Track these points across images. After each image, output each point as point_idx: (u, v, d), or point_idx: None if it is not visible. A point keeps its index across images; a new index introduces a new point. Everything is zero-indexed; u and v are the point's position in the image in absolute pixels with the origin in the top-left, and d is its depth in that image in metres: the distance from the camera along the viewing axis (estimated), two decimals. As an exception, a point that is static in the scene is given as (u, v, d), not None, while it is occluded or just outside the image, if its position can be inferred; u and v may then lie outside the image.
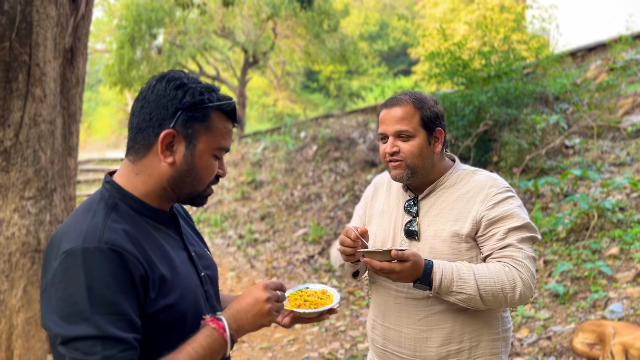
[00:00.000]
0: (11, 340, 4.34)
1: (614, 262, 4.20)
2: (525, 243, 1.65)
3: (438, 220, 1.73)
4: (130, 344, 1.06)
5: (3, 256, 4.31)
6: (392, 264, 1.52)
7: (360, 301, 5.30)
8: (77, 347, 1.03)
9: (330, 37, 14.67)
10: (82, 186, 12.99)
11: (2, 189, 4.28)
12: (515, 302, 1.61)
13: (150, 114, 1.20)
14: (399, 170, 1.73)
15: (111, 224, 1.13)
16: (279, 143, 11.54)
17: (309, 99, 27.36)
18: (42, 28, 4.26)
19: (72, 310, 1.04)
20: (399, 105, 1.74)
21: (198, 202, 1.31)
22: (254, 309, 1.23)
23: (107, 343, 1.03)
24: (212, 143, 1.24)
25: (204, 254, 1.42)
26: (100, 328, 1.03)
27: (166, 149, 1.21)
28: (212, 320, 1.18)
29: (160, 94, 1.20)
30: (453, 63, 6.77)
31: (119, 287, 1.07)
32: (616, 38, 7.61)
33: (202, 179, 1.26)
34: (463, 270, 1.59)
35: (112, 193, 1.23)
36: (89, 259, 1.06)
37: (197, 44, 13.92)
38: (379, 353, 1.87)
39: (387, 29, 29.51)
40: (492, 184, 1.71)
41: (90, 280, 1.05)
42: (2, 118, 4.21)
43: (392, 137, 1.73)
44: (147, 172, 1.23)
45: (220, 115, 1.25)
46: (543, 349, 3.64)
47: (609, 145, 5.91)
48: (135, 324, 1.09)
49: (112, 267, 1.07)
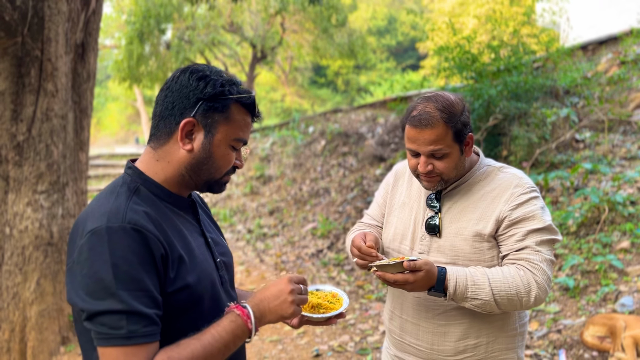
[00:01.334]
0: (25, 332, 4.40)
1: (624, 256, 4.19)
2: (544, 245, 1.62)
3: (461, 218, 1.70)
4: (152, 319, 1.10)
5: (16, 249, 4.36)
6: (405, 276, 1.51)
7: (370, 295, 5.31)
8: (104, 322, 1.06)
9: (338, 32, 14.65)
10: (92, 181, 13.08)
11: (15, 183, 4.33)
12: (531, 305, 1.59)
13: (172, 103, 1.26)
14: (433, 183, 1.70)
15: (133, 205, 1.18)
16: (287, 138, 11.56)
17: (317, 94, 27.35)
18: (53, 23, 4.29)
19: (98, 286, 1.07)
20: (431, 127, 1.61)
21: (216, 189, 1.35)
22: (278, 300, 1.26)
23: (132, 318, 1.07)
24: (230, 134, 1.28)
25: (220, 241, 1.46)
26: (126, 303, 1.06)
27: (186, 136, 1.25)
28: (237, 307, 1.21)
29: (184, 84, 1.25)
30: (462, 57, 6.74)
31: (142, 264, 1.11)
32: (627, 31, 7.55)
33: (219, 167, 1.30)
34: (477, 275, 1.58)
35: (133, 178, 1.27)
36: (113, 237, 1.10)
37: (206, 39, 13.95)
38: (396, 343, 1.88)
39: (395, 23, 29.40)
40: (517, 184, 1.67)
41: (114, 257, 1.09)
42: (15, 113, 4.26)
43: (425, 157, 1.66)
44: (167, 159, 1.28)
45: (240, 108, 1.29)
46: (553, 342, 3.64)
47: (620, 139, 5.88)
48: (157, 300, 1.13)
49: (135, 245, 1.11)
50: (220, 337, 1.16)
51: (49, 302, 4.48)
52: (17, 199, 4.34)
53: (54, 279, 4.53)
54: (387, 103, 10.51)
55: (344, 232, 7.07)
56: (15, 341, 4.36)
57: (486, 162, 1.79)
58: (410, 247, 1.79)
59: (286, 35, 15.74)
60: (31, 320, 4.40)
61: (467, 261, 1.68)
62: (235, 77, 1.32)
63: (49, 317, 4.49)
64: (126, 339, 1.06)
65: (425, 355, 1.77)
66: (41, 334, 4.43)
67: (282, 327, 4.88)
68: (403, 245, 1.82)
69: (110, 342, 1.06)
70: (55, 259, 4.53)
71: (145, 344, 1.08)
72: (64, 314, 4.65)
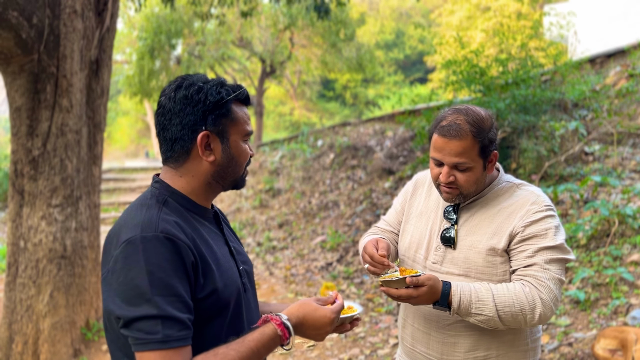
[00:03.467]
0: (37, 345, 4.44)
1: (635, 269, 4.17)
2: (554, 264, 1.61)
3: (476, 232, 1.71)
4: (186, 323, 1.15)
5: (30, 262, 4.43)
6: (408, 291, 1.54)
7: (380, 308, 5.31)
8: (140, 328, 1.11)
9: (346, 46, 14.78)
10: (103, 195, 13.19)
11: (30, 197, 4.41)
12: (535, 322, 1.58)
13: (181, 123, 1.30)
14: (451, 195, 1.72)
15: (164, 215, 1.24)
16: (296, 151, 11.62)
17: (325, 108, 27.48)
18: (69, 41, 4.39)
19: (134, 293, 1.12)
20: (459, 139, 1.63)
21: (240, 185, 1.43)
22: (317, 330, 1.34)
23: (167, 323, 1.12)
24: (240, 131, 1.36)
25: (241, 250, 1.52)
26: (161, 308, 1.11)
27: (205, 149, 1.31)
28: (280, 326, 1.27)
29: (184, 102, 1.29)
30: (470, 71, 6.77)
31: (175, 271, 1.16)
32: (635, 44, 7.57)
33: (241, 164, 1.39)
34: (482, 291, 1.59)
35: (161, 191, 1.33)
36: (148, 246, 1.16)
37: (216, 54, 14.13)
38: (407, 352, 1.89)
39: (403, 37, 29.56)
40: (534, 201, 1.68)
41: (149, 265, 1.14)
42: (30, 128, 4.35)
43: (448, 167, 1.67)
44: (191, 174, 1.34)
45: (238, 104, 1.37)
46: (564, 355, 3.63)
47: (629, 152, 5.87)
48: (189, 305, 1.18)
49: (168, 253, 1.16)
50: (258, 352, 1.21)
51: (61, 314, 4.53)
52: (31, 212, 4.42)
53: (67, 292, 4.58)
54: (395, 116, 10.56)
55: (353, 245, 7.08)
56: (28, 354, 4.41)
57: (506, 178, 1.80)
58: (425, 257, 1.81)
59: (295, 50, 15.89)
60: (44, 333, 4.44)
61: (479, 274, 1.69)
62: (220, 78, 1.38)
63: (61, 329, 4.53)
64: (162, 342, 1.10)
65: None
66: (54, 346, 4.47)
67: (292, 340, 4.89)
68: (418, 254, 1.84)
69: (147, 346, 1.11)
70: (68, 272, 4.59)
71: (180, 348, 1.12)
72: (77, 327, 4.70)
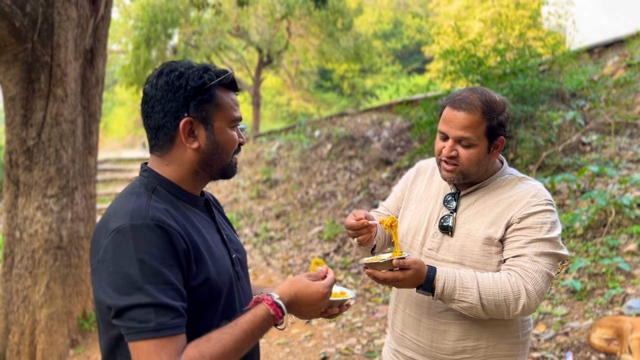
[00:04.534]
0: (34, 335, 4.44)
1: (632, 259, 4.18)
2: (544, 257, 1.60)
3: (475, 220, 1.71)
4: (179, 311, 1.12)
5: (26, 253, 4.41)
6: (394, 274, 1.53)
7: (377, 298, 5.32)
8: (132, 317, 1.08)
9: (344, 36, 14.70)
10: (100, 185, 13.16)
11: (25, 187, 4.38)
12: (517, 314, 1.57)
13: (163, 111, 1.27)
14: (451, 173, 1.71)
15: (154, 203, 1.21)
16: (293, 142, 11.59)
17: (323, 98, 27.40)
18: (63, 29, 4.35)
19: (125, 282, 1.09)
20: (468, 111, 1.64)
21: (230, 174, 1.39)
22: (310, 307, 1.30)
23: (160, 311, 1.08)
24: (226, 117, 1.32)
25: (234, 238, 1.50)
26: (153, 296, 1.08)
27: (189, 136, 1.28)
28: (272, 306, 1.22)
29: (165, 88, 1.27)
30: (468, 60, 6.74)
31: (166, 259, 1.13)
32: (634, 34, 7.53)
33: (227, 152, 1.34)
34: (467, 278, 1.58)
35: (150, 179, 1.31)
36: (137, 234, 1.12)
37: (212, 44, 14.05)
38: (396, 338, 1.89)
39: (400, 27, 29.44)
40: (535, 194, 1.67)
41: (140, 252, 1.11)
42: (25, 118, 4.31)
43: (453, 141, 1.68)
44: (177, 162, 1.31)
45: (223, 90, 1.32)
46: (560, 344, 3.64)
47: (626, 142, 5.87)
48: (182, 293, 1.15)
49: (159, 241, 1.14)
50: (252, 333, 1.17)
51: (58, 305, 4.53)
52: (27, 203, 4.39)
53: (64, 282, 4.57)
54: (393, 107, 10.52)
55: (350, 236, 7.08)
56: (25, 344, 4.40)
57: (509, 170, 1.80)
58: (422, 243, 1.81)
59: (292, 40, 15.80)
60: (41, 323, 4.44)
61: (474, 263, 1.69)
62: (207, 64, 1.34)
63: (58, 320, 4.53)
64: (155, 331, 1.07)
65: (424, 351, 1.78)
66: (50, 336, 4.47)
67: (289, 330, 4.89)
68: (415, 241, 1.84)
69: (140, 335, 1.07)
70: (64, 262, 4.57)
71: (174, 336, 1.09)
72: (73, 317, 4.69)
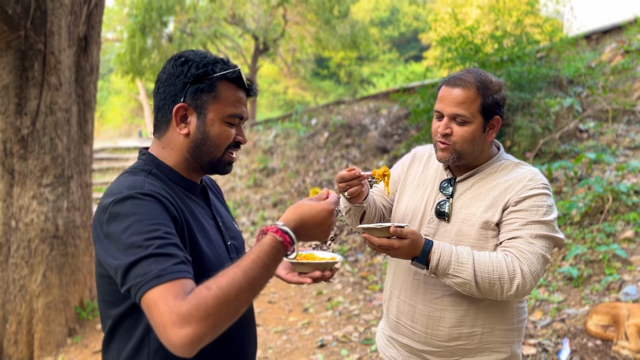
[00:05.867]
0: (32, 324, 4.44)
1: (628, 245, 4.19)
2: (540, 240, 1.59)
3: (471, 205, 1.70)
4: (181, 258, 1.09)
5: (22, 242, 4.39)
6: (390, 241, 1.51)
7: (374, 285, 5.33)
8: (136, 273, 1.06)
9: (340, 23, 14.60)
10: (96, 175, 13.12)
11: (20, 176, 4.36)
12: (512, 294, 1.55)
13: (164, 93, 1.31)
14: (446, 153, 1.71)
15: (150, 181, 1.24)
16: (290, 130, 11.56)
17: (320, 86, 27.30)
18: (56, 16, 4.30)
19: (127, 243, 1.09)
20: (462, 87, 1.66)
21: (221, 169, 1.37)
22: (318, 228, 1.24)
23: (160, 259, 1.07)
24: (222, 111, 1.31)
25: (230, 225, 1.49)
26: (152, 249, 1.07)
27: (181, 121, 1.31)
28: (278, 232, 1.16)
29: (170, 72, 1.31)
30: (465, 48, 6.71)
31: (164, 221, 1.15)
32: (632, 20, 7.50)
33: (217, 145, 1.33)
34: (463, 254, 1.57)
35: (147, 162, 1.34)
36: (135, 202, 1.15)
37: (208, 32, 13.92)
38: (391, 324, 1.89)
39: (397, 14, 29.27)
40: (531, 178, 1.67)
41: (138, 215, 1.12)
42: (19, 106, 4.27)
43: (448, 118, 1.68)
44: (171, 146, 1.34)
45: (228, 84, 1.31)
46: (557, 331, 3.65)
47: (624, 129, 5.86)
48: (181, 247, 1.13)
49: (156, 206, 1.16)
50: (261, 262, 1.11)
51: (55, 294, 4.52)
52: (22, 192, 4.37)
53: (60, 272, 4.56)
54: (390, 94, 10.48)
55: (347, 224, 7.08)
56: (22, 333, 4.40)
57: (505, 156, 1.80)
58: (418, 229, 1.80)
59: (288, 27, 15.69)
60: (38, 313, 4.44)
61: (470, 247, 1.68)
62: (221, 57, 1.34)
63: (55, 309, 4.53)
64: (157, 277, 1.04)
65: (419, 338, 1.77)
66: (48, 325, 4.46)
67: (286, 317, 4.91)
68: (411, 226, 1.82)
69: (145, 287, 1.04)
70: (61, 251, 4.56)
71: (179, 279, 1.05)
72: (71, 306, 4.69)
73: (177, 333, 0.97)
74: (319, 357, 4.02)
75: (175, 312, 0.98)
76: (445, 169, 1.81)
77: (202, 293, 1.01)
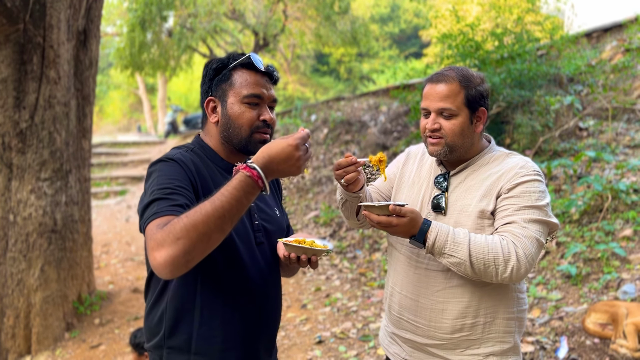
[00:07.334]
0: (29, 319, 4.43)
1: (627, 244, 4.19)
2: (533, 224, 1.62)
3: (466, 196, 1.74)
4: (177, 202, 1.30)
5: (20, 236, 4.38)
6: (389, 218, 1.55)
7: (372, 282, 5.33)
8: (144, 214, 1.30)
9: (341, 19, 14.56)
10: (95, 169, 13.10)
11: (18, 170, 4.34)
12: (506, 277, 1.58)
13: (201, 92, 1.59)
14: (437, 147, 1.74)
15: (184, 153, 1.48)
16: (289, 126, 11.54)
17: (320, 82, 27.25)
18: (55, 10, 4.27)
19: (147, 193, 1.35)
20: (445, 82, 1.72)
21: (250, 149, 1.52)
22: (287, 163, 1.30)
23: (160, 203, 1.29)
24: (238, 94, 1.50)
25: (268, 210, 1.66)
26: (159, 193, 1.31)
27: (212, 112, 1.55)
28: (245, 168, 1.27)
29: (203, 74, 1.58)
30: (465, 45, 6.69)
31: (178, 178, 1.38)
32: (632, 18, 7.48)
33: (241, 125, 1.51)
34: (459, 235, 1.60)
35: (193, 143, 1.59)
36: (162, 164, 1.43)
37: (208, 27, 13.87)
38: (394, 321, 1.90)
39: (398, 11, 29.21)
40: (522, 165, 1.71)
41: (161, 171, 1.39)
42: (17, 100, 4.25)
43: (435, 114, 1.73)
44: (210, 134, 1.59)
45: (242, 70, 1.51)
46: (555, 329, 3.65)
47: (623, 127, 5.85)
48: (188, 197, 1.35)
49: (177, 168, 1.41)
50: (228, 193, 1.23)
51: (53, 288, 4.51)
52: (20, 186, 4.36)
53: (58, 266, 4.55)
54: (389, 91, 10.46)
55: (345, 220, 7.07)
56: (20, 327, 4.40)
57: (496, 148, 1.84)
58: None
59: (288, 23, 15.64)
60: (35, 307, 4.43)
61: None
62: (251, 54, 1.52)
63: (53, 303, 4.52)
64: (153, 215, 1.26)
65: (423, 332, 1.79)
66: (46, 320, 4.46)
67: (284, 314, 4.91)
68: None
69: (145, 223, 1.26)
70: (59, 245, 4.55)
71: (167, 216, 1.25)
72: (68, 301, 4.69)
73: (154, 256, 1.17)
74: (317, 354, 4.02)
75: (154, 239, 1.19)
76: (439, 164, 1.84)
77: (173, 222, 1.19)
